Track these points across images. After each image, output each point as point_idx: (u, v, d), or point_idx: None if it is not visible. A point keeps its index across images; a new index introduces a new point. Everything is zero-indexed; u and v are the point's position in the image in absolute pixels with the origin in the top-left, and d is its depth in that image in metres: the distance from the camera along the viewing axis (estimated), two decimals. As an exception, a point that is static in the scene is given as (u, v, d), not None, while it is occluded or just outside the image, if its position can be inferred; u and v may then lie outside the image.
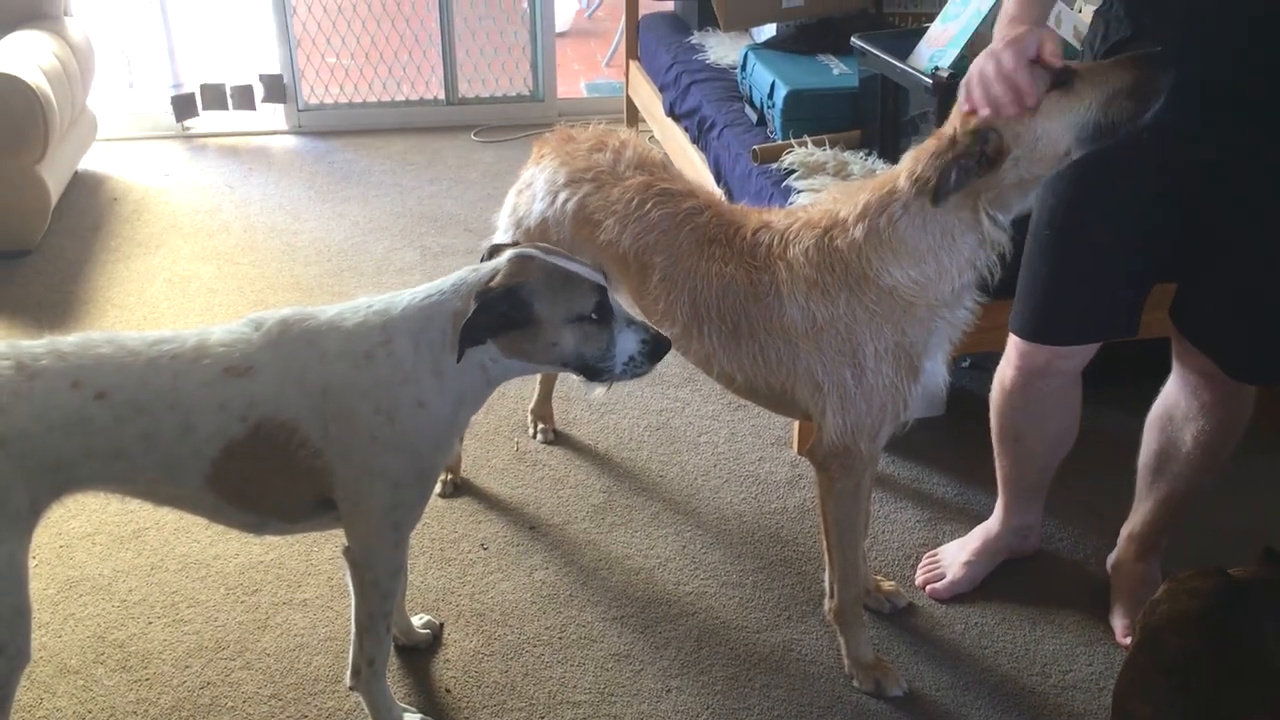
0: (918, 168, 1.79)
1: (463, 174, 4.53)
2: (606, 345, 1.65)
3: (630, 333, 1.67)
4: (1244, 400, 2.06)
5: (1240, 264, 1.88)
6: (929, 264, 1.82)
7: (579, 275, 1.64)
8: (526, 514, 2.57)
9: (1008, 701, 2.09)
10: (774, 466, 2.74)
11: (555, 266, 1.64)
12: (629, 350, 1.67)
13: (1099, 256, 1.95)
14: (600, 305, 1.63)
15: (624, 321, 1.67)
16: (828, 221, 1.89)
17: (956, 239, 1.80)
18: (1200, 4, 1.75)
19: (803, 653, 2.19)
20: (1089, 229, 1.91)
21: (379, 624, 1.85)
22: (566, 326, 1.63)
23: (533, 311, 1.61)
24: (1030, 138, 1.69)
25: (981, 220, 1.78)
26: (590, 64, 6.17)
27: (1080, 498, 2.55)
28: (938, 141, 1.78)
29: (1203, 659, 1.74)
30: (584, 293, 1.63)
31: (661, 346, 1.69)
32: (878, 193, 1.84)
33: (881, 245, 1.82)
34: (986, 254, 1.83)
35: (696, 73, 3.77)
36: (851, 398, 1.91)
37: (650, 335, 1.68)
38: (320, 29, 5.00)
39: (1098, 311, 2.01)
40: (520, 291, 1.61)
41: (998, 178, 1.73)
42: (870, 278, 1.84)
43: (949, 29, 2.66)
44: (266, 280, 3.63)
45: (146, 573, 2.37)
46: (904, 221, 1.80)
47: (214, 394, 1.63)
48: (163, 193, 4.30)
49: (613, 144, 2.20)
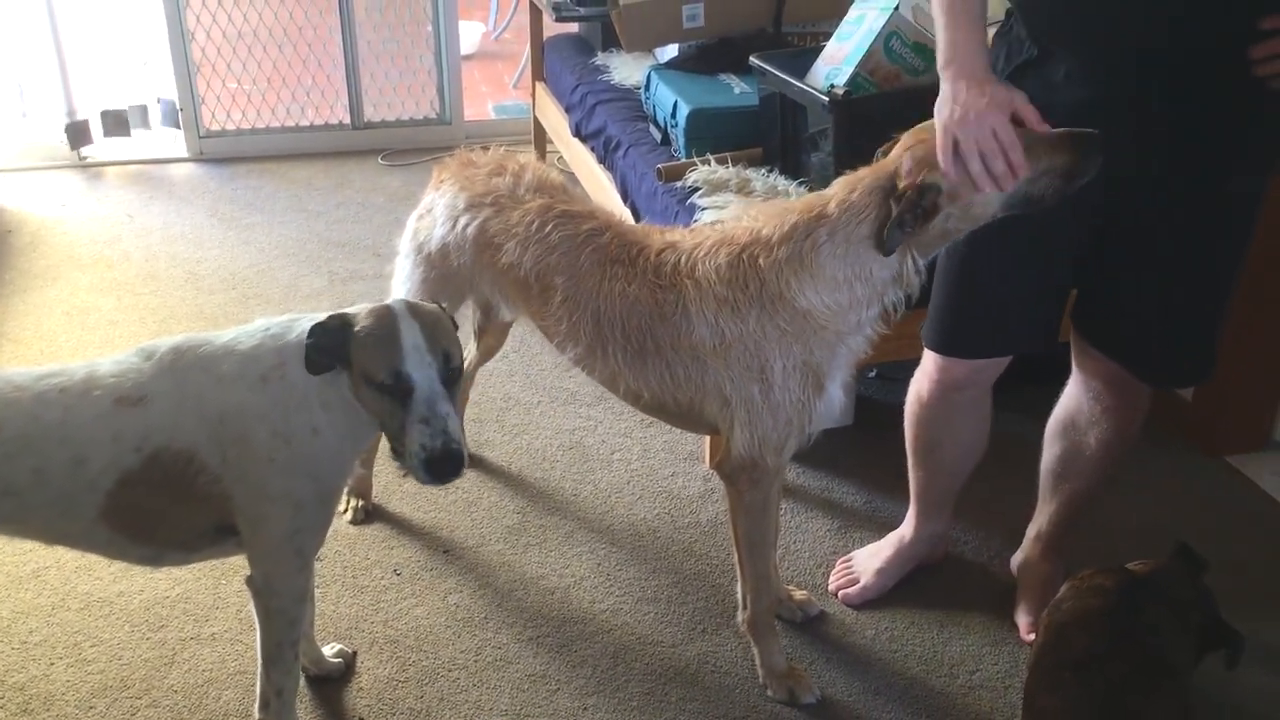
0: (851, 196, 1.83)
1: (370, 198, 4.50)
2: (399, 427, 1.57)
3: (418, 430, 1.54)
4: (1142, 402, 2.13)
5: (1147, 271, 1.93)
6: (843, 292, 1.85)
7: (396, 347, 1.56)
8: (440, 538, 2.55)
9: (917, 704, 2.12)
10: (687, 481, 2.76)
11: (390, 329, 1.58)
12: (412, 447, 1.55)
13: (1015, 269, 1.99)
14: (391, 386, 1.56)
15: (419, 417, 1.55)
16: (748, 239, 1.90)
17: (874, 273, 1.84)
18: (1095, 26, 1.79)
19: (718, 665, 2.21)
20: (1004, 242, 1.94)
21: (286, 653, 1.83)
22: (367, 387, 1.60)
23: (348, 355, 1.60)
24: (966, 200, 1.76)
25: (905, 261, 1.82)
26: (498, 86, 6.17)
27: (983, 501, 2.61)
28: (875, 175, 1.82)
29: (1107, 653, 1.80)
30: (381, 361, 1.56)
31: (439, 463, 1.54)
32: (806, 215, 1.86)
33: (802, 269, 1.85)
34: (897, 292, 1.87)
35: (601, 93, 3.80)
36: (759, 413, 1.94)
37: (432, 445, 1.53)
38: (220, 54, 4.92)
39: (1015, 324, 2.06)
40: (344, 332, 1.60)
41: (926, 229, 1.78)
42: (786, 298, 1.86)
43: (844, 48, 2.72)
44: (169, 310, 3.56)
45: (47, 613, 2.30)
46: (827, 248, 1.83)
47: (106, 426, 1.61)
48: (59, 223, 4.20)
49: (512, 168, 2.21)
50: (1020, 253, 1.97)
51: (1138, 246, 1.92)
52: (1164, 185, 1.85)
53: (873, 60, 2.63)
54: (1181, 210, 1.86)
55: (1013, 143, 1.70)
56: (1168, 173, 1.83)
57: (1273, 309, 2.74)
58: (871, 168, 1.86)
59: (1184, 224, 1.88)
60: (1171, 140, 1.80)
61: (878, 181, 1.82)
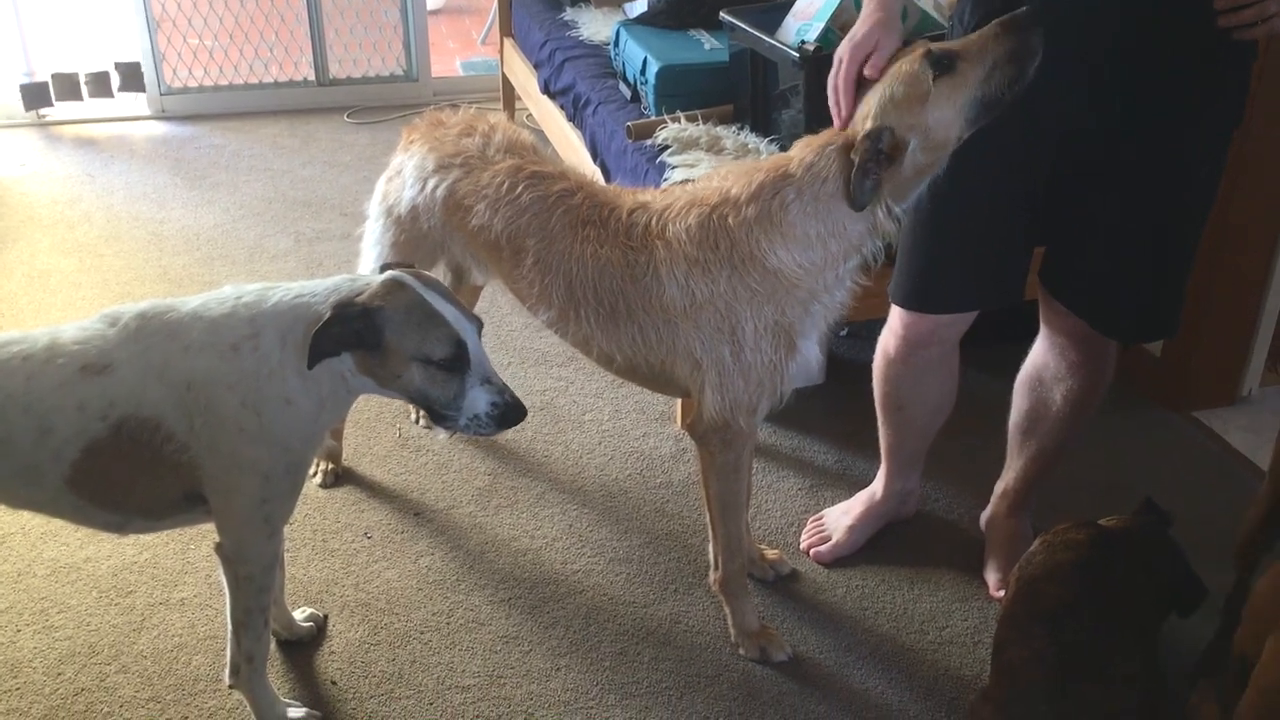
0: (809, 155, 1.82)
1: (336, 157, 4.44)
2: (454, 395, 1.62)
3: (483, 392, 1.62)
4: (1108, 359, 2.14)
5: (1113, 225, 1.94)
6: (816, 250, 1.84)
7: (442, 319, 1.59)
8: (410, 500, 2.54)
9: (888, 660, 2.14)
10: (658, 442, 2.76)
11: (423, 303, 1.59)
12: (477, 409, 1.63)
13: (978, 224, 1.99)
14: (454, 357, 1.60)
15: (480, 379, 1.62)
16: (717, 199, 1.89)
17: (847, 227, 1.83)
18: None
19: (690, 624, 2.22)
20: (967, 198, 1.94)
21: (256, 619, 1.82)
22: (414, 364, 1.59)
23: (383, 338, 1.58)
24: (923, 127, 1.74)
25: (877, 211, 1.81)
26: (465, 42, 6.09)
27: (952, 459, 2.63)
28: (831, 131, 1.83)
29: (1078, 606, 1.82)
30: (438, 338, 1.59)
31: (513, 415, 1.64)
32: (772, 174, 1.85)
33: (772, 227, 1.83)
34: (874, 242, 1.86)
35: (570, 49, 3.75)
36: (730, 374, 1.93)
37: (503, 401, 1.63)
38: (181, 9, 4.83)
39: (980, 280, 2.06)
40: (376, 315, 1.57)
41: (898, 170, 1.77)
42: (757, 257, 1.85)
43: (814, 3, 2.69)
44: (133, 272, 3.51)
45: (13, 580, 2.28)
46: (796, 207, 1.82)
47: (71, 394, 1.58)
48: (18, 184, 4.12)
49: (481, 128, 2.18)
50: (981, 207, 1.97)
51: (1100, 202, 1.93)
52: (1121, 139, 1.85)
53: (844, 15, 2.60)
54: (1142, 166, 1.88)
55: (839, 86, 1.80)
56: (1124, 126, 1.84)
57: (1241, 265, 2.76)
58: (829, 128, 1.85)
59: (1145, 180, 1.89)
60: (1125, 92, 1.81)
61: (834, 137, 1.81)
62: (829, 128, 1.86)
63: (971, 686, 2.06)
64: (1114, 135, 1.86)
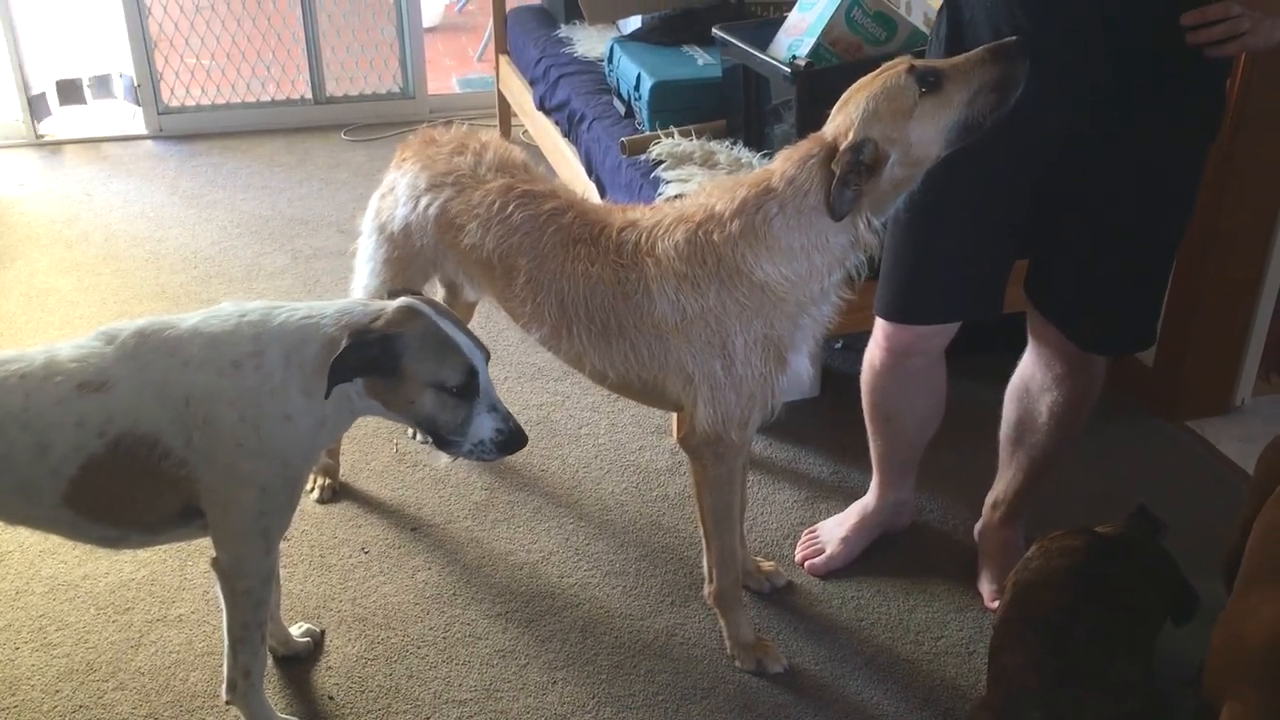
0: (789, 167, 1.83)
1: (333, 174, 4.46)
2: (462, 422, 1.66)
3: (489, 419, 1.67)
4: (1095, 372, 2.16)
5: (1087, 241, 1.97)
6: (800, 262, 1.86)
7: (456, 347, 1.64)
8: (408, 515, 2.55)
9: (884, 671, 2.15)
10: (654, 455, 2.77)
11: (438, 330, 1.63)
12: (482, 434, 1.67)
13: (959, 238, 2.02)
14: (465, 385, 1.63)
15: (487, 406, 1.67)
16: (702, 215, 1.90)
17: (830, 240, 1.84)
18: None
19: (686, 637, 2.23)
20: (949, 211, 1.96)
21: (253, 634, 1.83)
22: (428, 390, 1.63)
23: (400, 364, 1.61)
24: (905, 143, 1.75)
25: (858, 224, 1.82)
26: (462, 59, 6.12)
27: (946, 470, 2.64)
28: (812, 143, 1.83)
29: (1074, 612, 1.83)
30: (453, 365, 1.63)
31: (515, 441, 1.69)
32: (754, 189, 1.87)
33: (756, 241, 1.85)
34: (857, 255, 1.88)
35: (565, 66, 3.77)
36: (721, 388, 1.94)
37: (507, 428, 1.68)
38: (179, 29, 4.85)
39: (960, 292, 2.08)
40: (395, 342, 1.60)
41: (877, 183, 1.78)
42: (743, 272, 1.86)
43: (805, 18, 2.72)
44: (131, 290, 3.52)
45: (11, 597, 2.29)
46: (779, 220, 1.83)
47: (69, 411, 1.60)
48: (16, 203, 4.14)
49: (474, 146, 2.20)
50: (963, 221, 1.99)
51: (1077, 215, 1.96)
52: (1100, 151, 1.88)
53: (834, 31, 2.64)
54: (1118, 179, 1.90)
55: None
56: (1103, 138, 1.86)
57: (1233, 273, 2.77)
58: (810, 138, 1.86)
59: (1122, 193, 1.91)
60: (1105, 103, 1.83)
61: (814, 149, 1.82)
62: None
63: (967, 696, 2.07)
64: (1093, 150, 1.88)
